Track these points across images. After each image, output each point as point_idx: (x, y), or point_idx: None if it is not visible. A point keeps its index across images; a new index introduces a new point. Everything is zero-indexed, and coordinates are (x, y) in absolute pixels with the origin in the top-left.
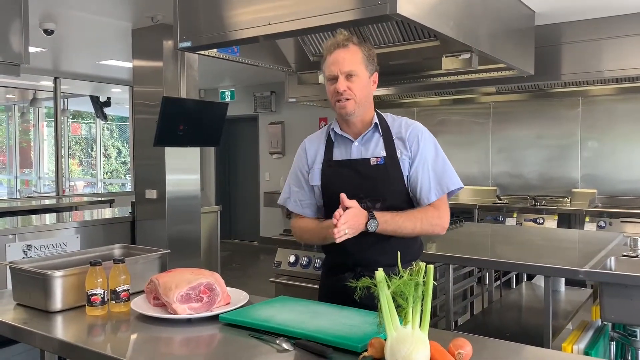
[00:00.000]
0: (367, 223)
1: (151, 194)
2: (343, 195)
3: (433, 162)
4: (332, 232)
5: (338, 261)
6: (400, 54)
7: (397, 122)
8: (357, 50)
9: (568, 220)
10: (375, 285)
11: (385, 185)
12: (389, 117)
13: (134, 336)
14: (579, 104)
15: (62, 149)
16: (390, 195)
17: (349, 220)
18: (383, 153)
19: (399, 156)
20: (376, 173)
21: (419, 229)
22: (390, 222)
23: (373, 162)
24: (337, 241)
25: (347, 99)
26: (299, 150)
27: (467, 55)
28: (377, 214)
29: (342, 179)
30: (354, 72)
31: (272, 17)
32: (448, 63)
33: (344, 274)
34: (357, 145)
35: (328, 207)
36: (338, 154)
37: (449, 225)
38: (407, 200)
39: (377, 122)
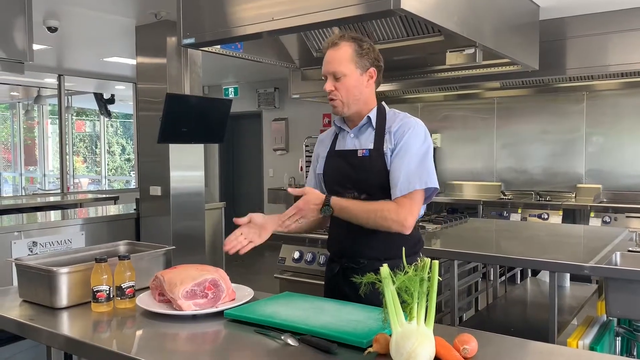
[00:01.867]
0: (321, 208)
1: (155, 190)
2: (238, 220)
3: (410, 158)
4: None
5: (330, 251)
6: (404, 50)
7: (395, 117)
8: (347, 48)
9: (573, 215)
10: (380, 281)
11: (368, 177)
12: (391, 112)
13: (139, 332)
14: (584, 99)
15: (67, 146)
16: (373, 188)
17: (299, 209)
18: (371, 146)
19: (384, 150)
20: (361, 164)
21: (372, 221)
22: (345, 210)
23: (360, 153)
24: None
25: (334, 99)
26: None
27: (471, 51)
28: (334, 200)
29: (335, 169)
30: (339, 72)
31: (275, 13)
32: (452, 58)
33: (330, 265)
34: (352, 137)
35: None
36: (338, 145)
37: (413, 219)
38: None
39: (372, 115)
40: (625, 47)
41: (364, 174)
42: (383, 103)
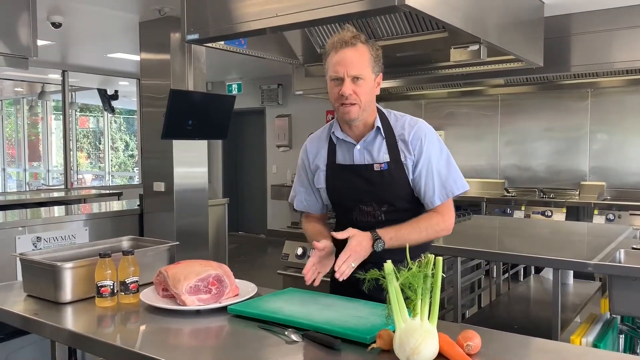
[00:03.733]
0: (373, 245)
1: (159, 186)
2: (317, 245)
3: (437, 165)
4: (337, 276)
5: None
6: (408, 46)
7: (400, 122)
8: (364, 51)
9: (576, 213)
10: (384, 277)
11: (390, 190)
12: (392, 115)
13: (143, 327)
14: (589, 96)
15: (71, 142)
16: (396, 199)
17: (353, 251)
18: (387, 158)
19: (403, 160)
20: (380, 179)
21: (424, 237)
22: (395, 238)
23: (376, 167)
24: (340, 279)
25: (352, 104)
26: (301, 153)
27: (475, 47)
28: (381, 232)
29: (347, 184)
30: (361, 75)
31: (279, 9)
32: (456, 55)
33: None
34: (360, 149)
35: (337, 207)
36: (341, 158)
37: (454, 220)
38: (413, 200)
39: (380, 125)
40: (630, 44)
41: (386, 187)
42: (377, 105)
